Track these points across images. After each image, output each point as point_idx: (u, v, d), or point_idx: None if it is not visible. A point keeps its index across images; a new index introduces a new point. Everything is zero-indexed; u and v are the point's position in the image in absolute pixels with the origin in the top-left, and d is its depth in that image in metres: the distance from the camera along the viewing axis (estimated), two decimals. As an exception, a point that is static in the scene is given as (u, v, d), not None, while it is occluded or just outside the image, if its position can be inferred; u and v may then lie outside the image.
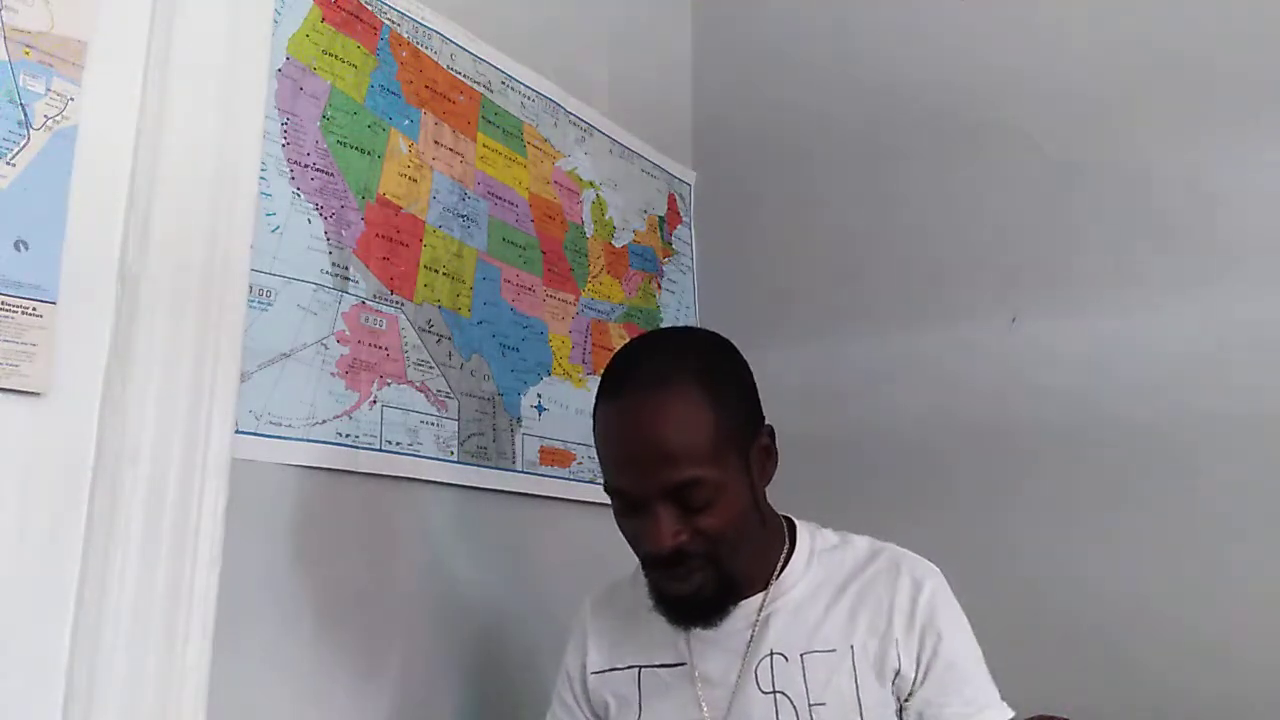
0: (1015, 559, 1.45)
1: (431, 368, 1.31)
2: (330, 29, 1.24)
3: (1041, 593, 1.42)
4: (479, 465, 1.35)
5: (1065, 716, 1.16)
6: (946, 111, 1.65)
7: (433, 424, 1.30)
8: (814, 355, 1.69)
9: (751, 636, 0.97)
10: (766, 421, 1.00)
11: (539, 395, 1.48)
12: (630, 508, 0.93)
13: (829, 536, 1.03)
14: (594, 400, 0.96)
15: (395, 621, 1.22)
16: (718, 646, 0.98)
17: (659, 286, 1.80)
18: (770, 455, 0.99)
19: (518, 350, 1.46)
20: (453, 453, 1.32)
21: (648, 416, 0.90)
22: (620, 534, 0.97)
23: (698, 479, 0.89)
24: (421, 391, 1.29)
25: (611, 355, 1.00)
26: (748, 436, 0.96)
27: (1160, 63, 1.47)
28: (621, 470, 0.92)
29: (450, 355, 1.34)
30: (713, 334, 1.03)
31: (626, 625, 1.05)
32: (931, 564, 1.00)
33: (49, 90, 0.91)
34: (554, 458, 1.49)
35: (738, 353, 1.01)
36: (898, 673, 0.94)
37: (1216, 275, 1.39)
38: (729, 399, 0.94)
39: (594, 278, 1.63)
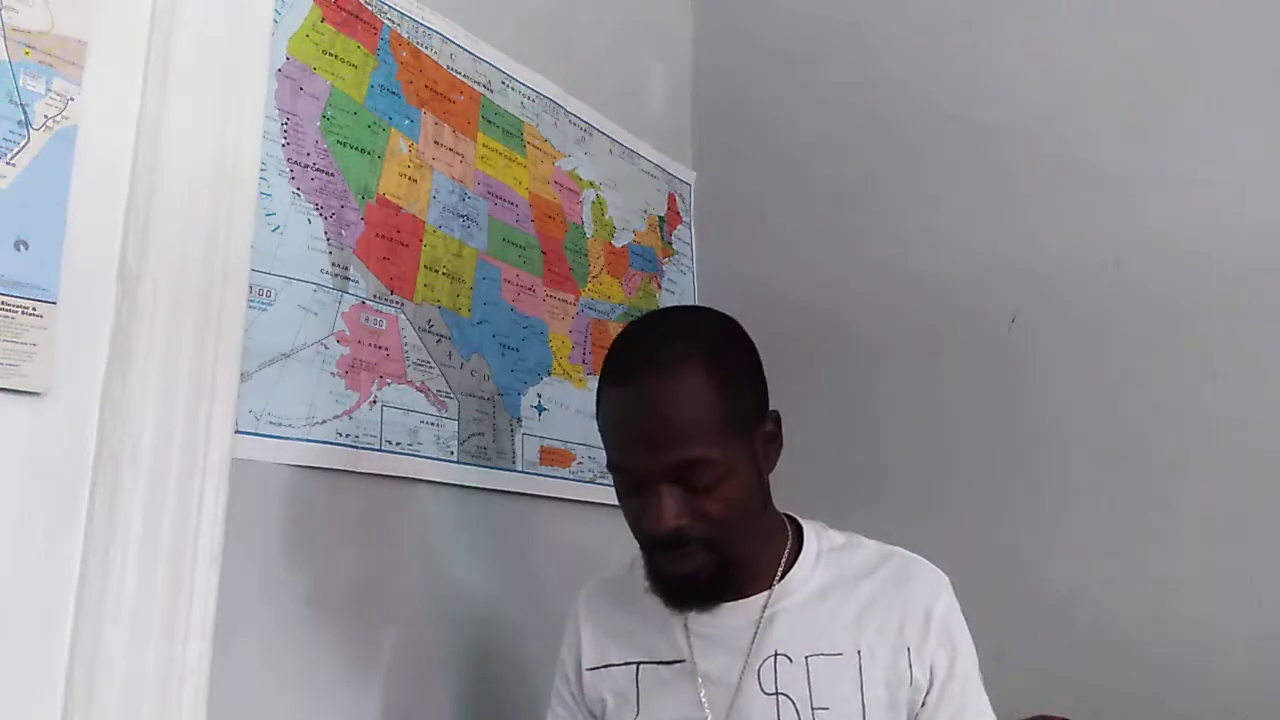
0: (1028, 559, 1.45)
1: (431, 368, 1.31)
2: (330, 29, 1.24)
3: (1054, 591, 1.42)
4: (479, 465, 1.35)
5: (1065, 717, 1.16)
6: (948, 110, 1.64)
7: (433, 424, 1.30)
8: (815, 354, 1.69)
9: (755, 636, 0.95)
10: (772, 407, 0.97)
11: (539, 395, 1.48)
12: (633, 487, 0.91)
13: (835, 537, 1.01)
14: (598, 380, 0.95)
15: (395, 621, 1.22)
16: (720, 645, 0.96)
17: (659, 286, 1.80)
18: (775, 441, 0.97)
19: (518, 350, 1.46)
20: (453, 453, 1.32)
21: (653, 396, 0.88)
22: (617, 536, 0.96)
23: (702, 459, 0.87)
24: (421, 391, 1.29)
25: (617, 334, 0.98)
26: (753, 420, 0.94)
27: (1166, 66, 1.47)
28: (626, 449, 0.91)
29: (450, 355, 1.34)
30: (719, 314, 1.00)
31: (623, 619, 1.03)
32: (941, 571, 0.98)
33: (49, 90, 0.91)
34: (554, 458, 1.49)
35: (745, 334, 0.99)
36: (910, 681, 0.92)
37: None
38: (735, 381, 0.92)
39: (594, 278, 1.63)
